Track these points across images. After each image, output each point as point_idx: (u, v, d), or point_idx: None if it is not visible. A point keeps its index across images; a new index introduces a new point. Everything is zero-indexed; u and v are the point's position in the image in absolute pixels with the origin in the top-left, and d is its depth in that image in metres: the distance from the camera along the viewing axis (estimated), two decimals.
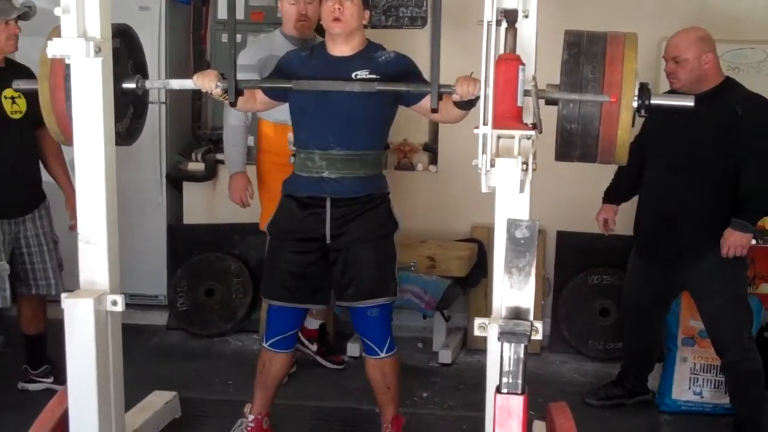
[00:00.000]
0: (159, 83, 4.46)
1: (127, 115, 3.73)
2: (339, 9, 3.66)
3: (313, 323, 5.03)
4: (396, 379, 3.96)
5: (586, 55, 3.14)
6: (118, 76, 3.54)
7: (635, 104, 3.12)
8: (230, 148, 4.68)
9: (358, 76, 3.69)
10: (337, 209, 3.79)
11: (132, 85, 3.63)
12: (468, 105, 3.52)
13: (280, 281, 3.86)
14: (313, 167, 3.79)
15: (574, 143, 3.18)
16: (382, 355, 3.89)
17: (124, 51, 3.70)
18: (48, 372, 4.69)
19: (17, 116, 4.41)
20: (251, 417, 4.03)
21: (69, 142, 3.52)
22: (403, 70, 3.77)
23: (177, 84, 3.83)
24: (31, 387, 4.71)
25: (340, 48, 3.78)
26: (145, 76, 3.78)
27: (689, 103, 3.31)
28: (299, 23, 4.51)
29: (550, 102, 3.17)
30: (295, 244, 3.85)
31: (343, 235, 3.80)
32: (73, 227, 4.51)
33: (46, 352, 4.71)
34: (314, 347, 5.06)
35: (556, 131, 3.18)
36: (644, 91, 3.15)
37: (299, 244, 3.84)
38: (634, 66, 3.12)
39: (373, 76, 3.70)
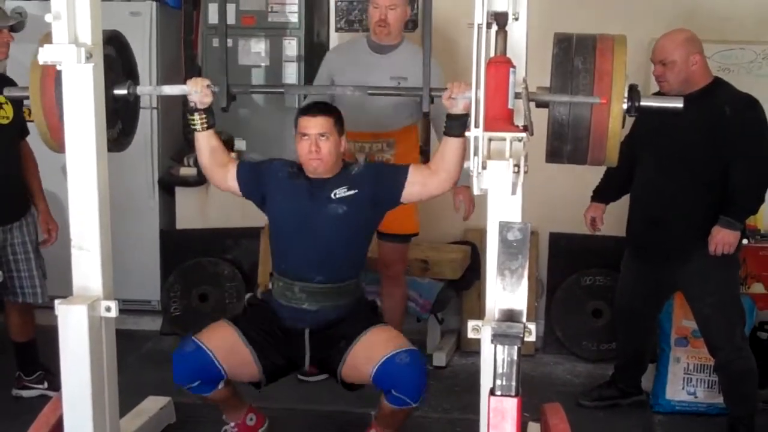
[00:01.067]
0: (150, 89, 4.46)
1: (119, 121, 3.73)
2: (316, 150, 3.68)
3: None
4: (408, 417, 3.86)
5: (575, 57, 3.15)
6: (110, 82, 3.54)
7: (625, 106, 3.14)
8: None
9: (337, 195, 3.72)
10: (317, 334, 3.78)
11: (123, 91, 3.63)
12: (459, 127, 3.45)
13: (247, 326, 3.80)
14: (292, 297, 3.78)
15: (565, 145, 3.19)
16: (413, 405, 3.67)
17: (116, 57, 3.70)
18: (42, 378, 4.69)
19: (4, 122, 4.40)
20: (232, 423, 4.04)
21: (60, 148, 3.52)
22: (375, 172, 3.83)
23: (169, 90, 3.83)
24: (25, 393, 4.69)
25: (320, 174, 3.78)
26: (136, 81, 3.78)
27: (678, 104, 3.32)
28: (378, 28, 4.48)
29: (541, 104, 3.18)
30: (268, 331, 3.82)
31: (323, 348, 3.80)
32: (43, 243, 4.55)
33: (38, 358, 4.70)
34: None
35: (546, 133, 3.19)
36: (634, 92, 3.16)
37: (272, 338, 3.81)
38: (623, 68, 3.13)
39: (352, 192, 3.73)
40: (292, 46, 5.55)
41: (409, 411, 3.77)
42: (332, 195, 3.72)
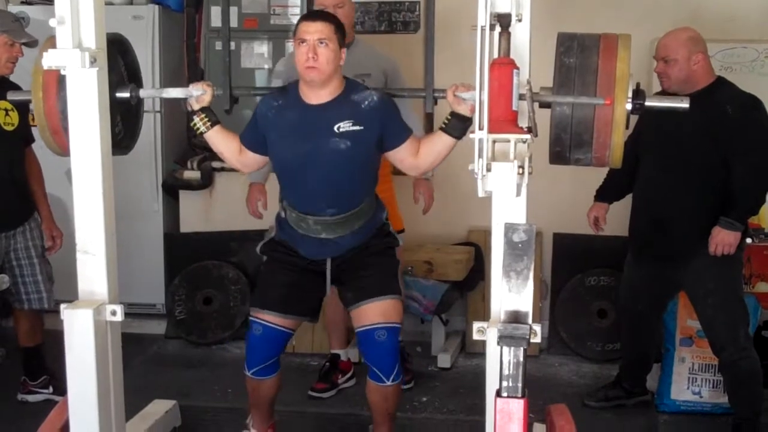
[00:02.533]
0: (153, 92, 4.38)
1: (122, 123, 3.73)
2: (313, 57, 3.46)
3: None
4: (397, 405, 3.86)
5: (579, 57, 3.13)
6: (113, 85, 3.54)
7: (629, 106, 3.12)
8: None
9: (341, 129, 3.54)
10: (338, 261, 3.78)
11: (126, 95, 3.63)
12: (460, 129, 3.42)
13: (275, 293, 3.77)
14: (308, 229, 3.70)
15: (568, 147, 3.17)
16: (388, 383, 3.72)
17: (118, 60, 3.70)
18: (47, 382, 4.69)
19: (9, 128, 4.41)
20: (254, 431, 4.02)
21: (64, 152, 3.52)
22: (387, 114, 3.60)
23: (172, 92, 3.82)
24: (31, 398, 4.71)
25: (317, 95, 3.58)
26: (139, 84, 3.78)
27: (684, 104, 3.30)
28: None
29: (545, 105, 3.17)
30: (291, 265, 3.81)
31: (343, 270, 3.79)
32: (48, 250, 4.54)
33: (44, 362, 4.71)
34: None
35: (549, 134, 3.19)
36: (639, 92, 3.15)
37: (295, 266, 3.81)
38: (627, 67, 3.11)
39: (358, 127, 3.54)
40: None
41: (389, 394, 3.77)
42: (335, 128, 3.53)
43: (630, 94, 3.11)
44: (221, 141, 3.72)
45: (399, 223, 4.62)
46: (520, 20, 3.11)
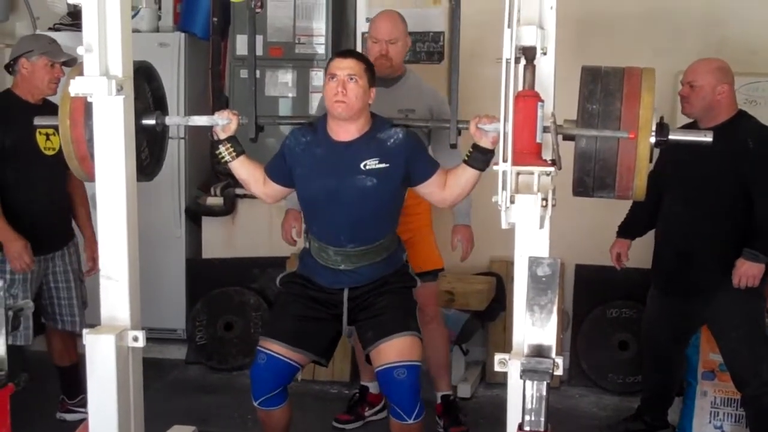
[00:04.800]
0: (179, 120, 4.35)
1: (147, 150, 3.76)
2: (342, 92, 3.52)
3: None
4: None
5: (603, 91, 3.12)
6: (139, 112, 3.57)
7: (653, 140, 3.12)
8: None
9: (367, 166, 3.59)
10: (355, 293, 3.77)
11: (152, 122, 3.66)
12: (483, 162, 3.43)
13: (285, 323, 3.77)
14: (328, 260, 3.74)
15: (592, 179, 3.17)
16: (410, 421, 3.69)
17: (144, 87, 3.74)
18: (85, 401, 4.67)
19: (51, 152, 4.44)
20: None
21: (91, 178, 3.54)
22: (413, 151, 3.65)
23: (197, 120, 3.85)
24: (69, 417, 4.77)
25: (345, 131, 3.63)
26: (164, 112, 3.81)
27: (708, 138, 3.29)
28: (378, 62, 4.18)
29: (568, 138, 3.17)
30: (307, 301, 3.80)
31: (360, 308, 3.77)
32: (89, 272, 4.57)
33: (81, 382, 4.70)
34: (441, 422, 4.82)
35: (573, 167, 3.19)
36: (663, 127, 3.15)
37: (313, 303, 3.80)
38: (651, 101, 3.11)
39: (383, 165, 3.59)
40: (319, 77, 5.57)
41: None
42: (362, 165, 3.59)
43: (653, 128, 3.11)
44: (246, 171, 3.76)
45: (438, 261, 4.59)
46: (545, 53, 3.11)
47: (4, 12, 6.04)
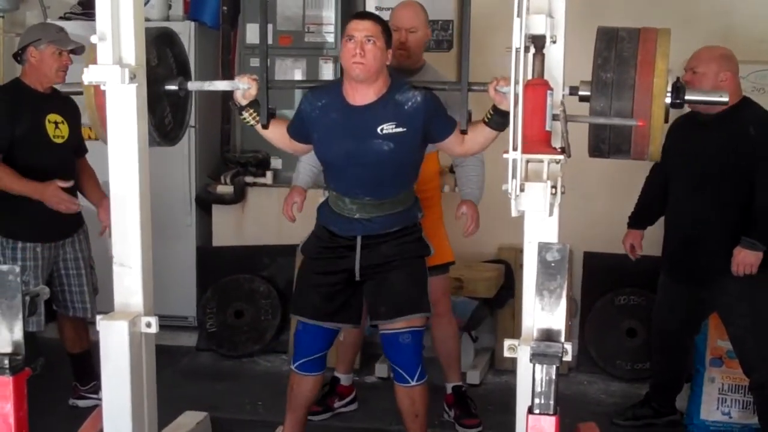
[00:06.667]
0: (200, 84, 4.18)
1: (171, 115, 3.83)
2: (360, 53, 3.52)
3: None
4: (425, 407, 3.90)
5: (618, 58, 3.16)
6: (162, 78, 3.67)
7: (668, 101, 3.14)
8: (300, 162, 4.48)
9: (384, 131, 3.60)
10: (368, 242, 3.80)
11: (175, 87, 3.71)
12: (502, 124, 3.44)
13: (309, 299, 3.84)
14: (344, 208, 3.78)
15: (607, 146, 3.20)
16: (413, 383, 3.81)
17: (167, 53, 3.82)
18: (97, 388, 4.71)
19: (59, 141, 4.48)
20: None
21: None
22: (431, 113, 3.65)
23: (218, 85, 3.91)
24: (81, 403, 4.80)
25: (362, 94, 3.64)
26: (187, 77, 3.90)
27: (724, 98, 3.31)
28: (396, 53, 4.06)
29: (583, 99, 3.22)
30: (324, 267, 3.86)
31: (372, 260, 3.81)
32: (102, 232, 4.52)
33: (93, 368, 4.75)
34: (452, 413, 4.80)
35: (588, 128, 3.21)
36: (678, 90, 3.16)
37: (328, 267, 3.85)
38: (665, 68, 3.13)
39: (401, 129, 3.60)
40: (328, 66, 5.61)
41: (416, 395, 3.83)
42: (378, 129, 3.60)
43: (669, 88, 3.12)
44: (271, 131, 3.81)
45: (449, 255, 4.60)
46: (554, 42, 3.13)
47: (15, 1, 6.07)
